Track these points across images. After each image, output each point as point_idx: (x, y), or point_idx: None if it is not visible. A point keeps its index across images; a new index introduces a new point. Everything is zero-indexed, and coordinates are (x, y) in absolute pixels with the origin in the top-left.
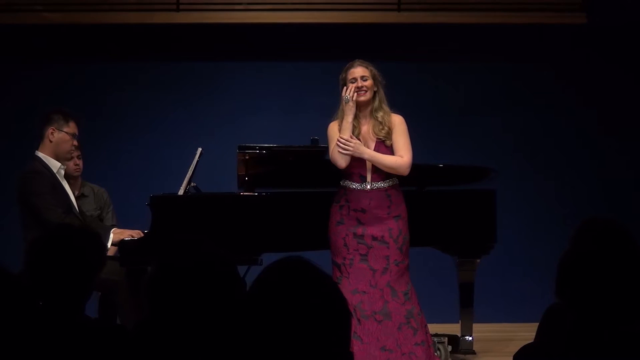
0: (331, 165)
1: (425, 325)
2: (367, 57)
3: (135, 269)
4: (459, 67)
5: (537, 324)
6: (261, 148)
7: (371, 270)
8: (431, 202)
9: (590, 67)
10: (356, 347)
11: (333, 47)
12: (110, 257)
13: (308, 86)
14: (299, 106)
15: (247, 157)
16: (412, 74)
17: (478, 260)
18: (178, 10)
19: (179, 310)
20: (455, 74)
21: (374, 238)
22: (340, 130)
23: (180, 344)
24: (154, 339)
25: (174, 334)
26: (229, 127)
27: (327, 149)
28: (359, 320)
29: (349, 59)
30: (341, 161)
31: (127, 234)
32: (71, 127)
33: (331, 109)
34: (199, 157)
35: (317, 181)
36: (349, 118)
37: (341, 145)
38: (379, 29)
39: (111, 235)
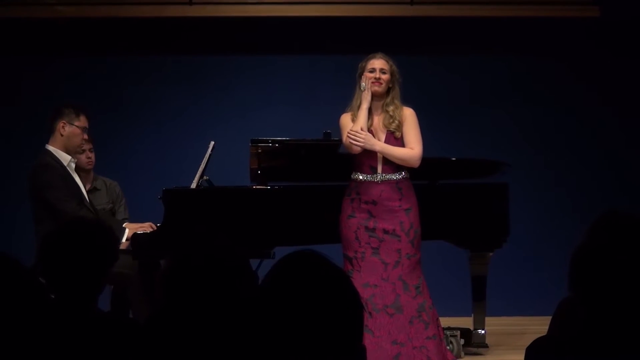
0: (344, 159)
1: (437, 319)
2: (379, 50)
3: (148, 263)
4: (471, 60)
5: (550, 317)
6: (274, 141)
7: (383, 264)
8: (444, 195)
9: (603, 60)
10: (367, 340)
11: (346, 40)
12: (122, 250)
13: (321, 79)
14: (311, 100)
15: (259, 151)
16: (424, 67)
17: (491, 254)
18: (191, 3)
19: (194, 303)
20: (467, 67)
21: (385, 231)
22: (354, 119)
23: (193, 337)
24: (167, 332)
25: (187, 327)
26: (241, 121)
27: (339, 142)
28: (370, 313)
29: (361, 53)
30: (355, 146)
31: (138, 227)
32: (82, 121)
33: (344, 102)
34: (211, 151)
35: (329, 175)
36: (364, 105)
37: (352, 137)
38: (392, 22)
39: (126, 231)
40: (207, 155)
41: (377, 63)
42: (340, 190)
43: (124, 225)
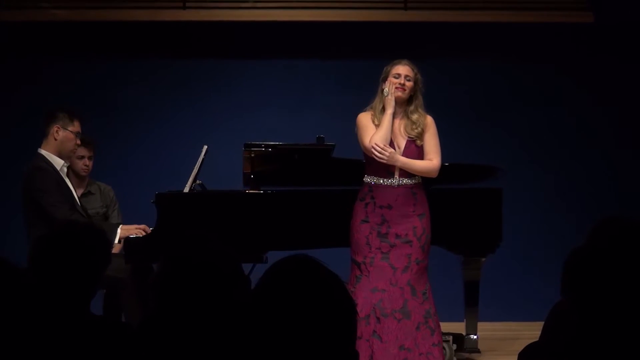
0: (337, 163)
1: (439, 326)
2: (373, 55)
3: (141, 267)
4: (465, 65)
5: (542, 322)
6: (267, 146)
7: (392, 269)
8: (437, 200)
9: (597, 65)
10: (375, 345)
11: (340, 45)
12: (115, 254)
13: (315, 84)
14: (305, 104)
15: (253, 155)
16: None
17: (484, 259)
18: (185, 7)
19: (186, 306)
20: (461, 73)
21: (398, 236)
22: (374, 120)
23: (186, 341)
24: (160, 335)
25: (179, 331)
26: (235, 125)
27: (333, 147)
28: (378, 319)
29: (355, 57)
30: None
31: (134, 229)
32: (75, 126)
33: (338, 107)
34: (204, 155)
35: (322, 179)
36: (389, 111)
37: (377, 153)
38: (386, 27)
39: (119, 231)
40: (200, 160)
41: (403, 69)
42: (334, 195)
43: (119, 227)
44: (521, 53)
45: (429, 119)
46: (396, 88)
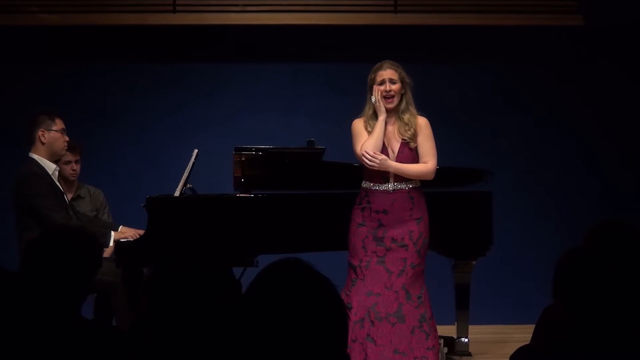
0: (327, 167)
1: (435, 330)
2: (363, 59)
3: (132, 270)
4: (455, 68)
5: (534, 325)
6: (257, 149)
7: (387, 272)
8: (427, 204)
9: (587, 68)
10: (370, 349)
11: (329, 48)
12: (106, 258)
13: (305, 88)
14: (295, 108)
15: (243, 159)
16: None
17: (474, 262)
18: (174, 11)
19: (177, 310)
20: (451, 76)
21: (394, 240)
22: (367, 127)
23: (177, 344)
24: (151, 339)
25: (170, 335)
26: (225, 129)
27: (322, 150)
28: (372, 322)
29: (345, 61)
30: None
31: (131, 233)
32: (58, 124)
33: (328, 110)
34: (195, 159)
35: (313, 183)
36: (381, 118)
37: (368, 160)
38: (375, 30)
39: (112, 234)
40: (190, 164)
41: (386, 74)
42: (325, 198)
43: (119, 230)
44: (511, 56)
45: (423, 121)
46: (384, 97)
